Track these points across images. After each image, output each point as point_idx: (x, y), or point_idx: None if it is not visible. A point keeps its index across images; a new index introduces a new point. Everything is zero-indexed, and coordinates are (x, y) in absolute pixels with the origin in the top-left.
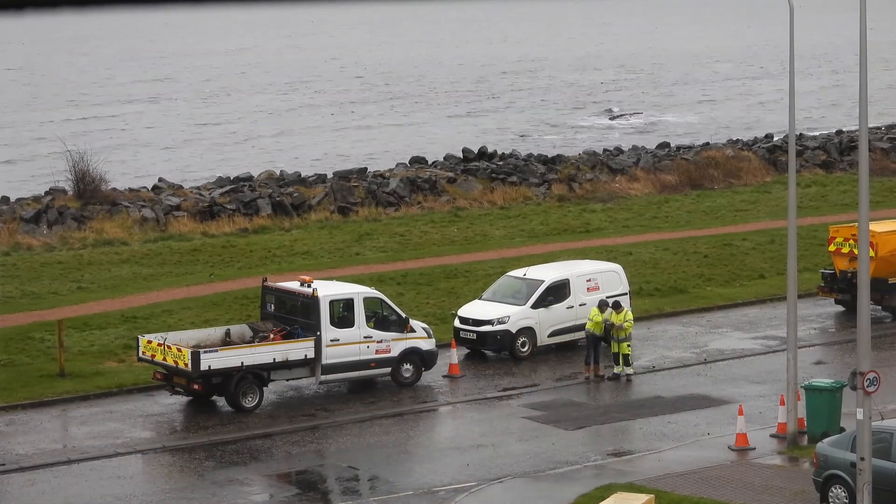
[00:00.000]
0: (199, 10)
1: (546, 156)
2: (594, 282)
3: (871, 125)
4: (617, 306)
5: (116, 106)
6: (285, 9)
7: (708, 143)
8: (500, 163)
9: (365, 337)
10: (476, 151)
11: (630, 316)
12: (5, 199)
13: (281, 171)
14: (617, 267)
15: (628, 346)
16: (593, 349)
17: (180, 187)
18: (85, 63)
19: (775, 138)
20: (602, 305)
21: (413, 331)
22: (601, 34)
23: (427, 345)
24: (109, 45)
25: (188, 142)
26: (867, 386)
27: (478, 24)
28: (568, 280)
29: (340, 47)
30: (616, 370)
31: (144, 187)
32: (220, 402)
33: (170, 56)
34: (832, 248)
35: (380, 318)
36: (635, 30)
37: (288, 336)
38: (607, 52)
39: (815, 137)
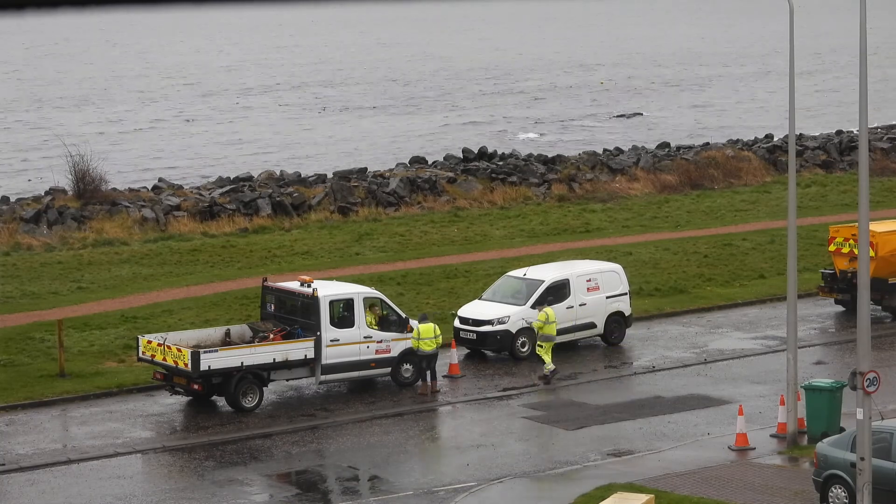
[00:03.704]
0: (199, 9)
1: (546, 156)
2: (594, 282)
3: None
4: (541, 303)
5: (117, 105)
6: (285, 9)
7: (708, 143)
8: (500, 163)
9: (365, 337)
10: (476, 151)
11: (544, 317)
12: (5, 199)
13: (281, 171)
14: (617, 267)
15: (539, 345)
16: (428, 363)
17: (180, 187)
18: (85, 62)
19: (775, 138)
20: (422, 320)
21: (413, 331)
22: (601, 34)
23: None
24: (110, 44)
25: (188, 142)
26: (867, 386)
27: (477, 25)
28: (568, 280)
29: (342, 47)
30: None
31: (144, 187)
32: (220, 402)
33: (170, 55)
34: (832, 248)
35: (380, 318)
36: (636, 29)
37: (288, 336)
38: (607, 52)
39: (815, 137)
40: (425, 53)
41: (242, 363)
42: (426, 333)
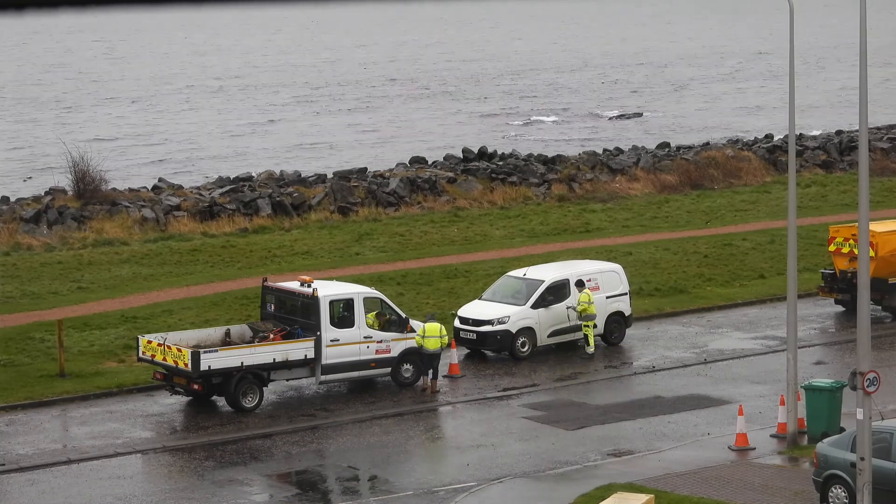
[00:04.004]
0: (199, 9)
1: (546, 156)
2: (594, 282)
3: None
4: (580, 285)
5: (117, 106)
6: (286, 9)
7: (708, 143)
8: (500, 163)
9: (365, 337)
10: (476, 151)
11: (587, 298)
12: (5, 199)
13: (281, 171)
14: (617, 267)
15: (585, 326)
16: (429, 362)
17: (180, 187)
18: (86, 62)
19: (775, 138)
20: (429, 319)
21: (413, 331)
22: (601, 34)
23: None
24: (110, 43)
25: (189, 141)
26: (867, 386)
27: (478, 24)
28: (568, 280)
29: (342, 47)
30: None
31: (144, 187)
32: (220, 402)
33: (171, 55)
34: (832, 248)
35: (380, 318)
36: (636, 29)
37: (288, 336)
38: (607, 52)
39: (815, 137)
40: (426, 53)
41: (242, 363)
42: (431, 332)
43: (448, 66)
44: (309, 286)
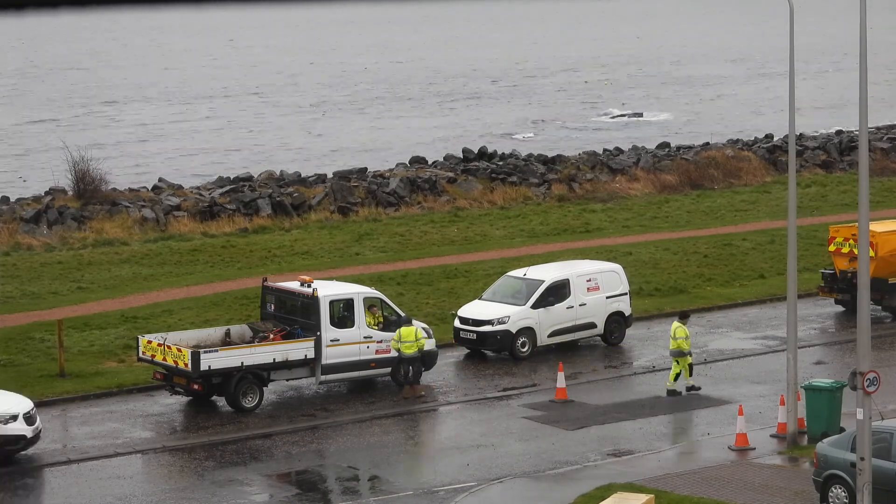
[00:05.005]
0: (199, 9)
1: (546, 156)
2: (594, 282)
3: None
4: (684, 316)
5: (118, 105)
6: (286, 9)
7: (708, 143)
8: (500, 163)
9: (365, 337)
10: (476, 151)
11: (682, 333)
12: (5, 199)
13: (281, 171)
14: (617, 267)
15: (676, 361)
16: (407, 367)
17: (180, 187)
18: (85, 62)
19: (775, 138)
20: (406, 323)
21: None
22: (601, 34)
23: (427, 345)
24: (110, 44)
25: (189, 142)
26: (867, 386)
27: (478, 25)
28: (568, 280)
29: (343, 47)
30: (677, 385)
31: (144, 187)
32: (220, 402)
33: (171, 55)
34: (832, 248)
35: (380, 318)
36: (636, 29)
37: (288, 336)
38: (607, 52)
39: (815, 137)
40: (426, 54)
41: (242, 363)
42: (407, 337)
43: (449, 66)
44: (309, 286)
